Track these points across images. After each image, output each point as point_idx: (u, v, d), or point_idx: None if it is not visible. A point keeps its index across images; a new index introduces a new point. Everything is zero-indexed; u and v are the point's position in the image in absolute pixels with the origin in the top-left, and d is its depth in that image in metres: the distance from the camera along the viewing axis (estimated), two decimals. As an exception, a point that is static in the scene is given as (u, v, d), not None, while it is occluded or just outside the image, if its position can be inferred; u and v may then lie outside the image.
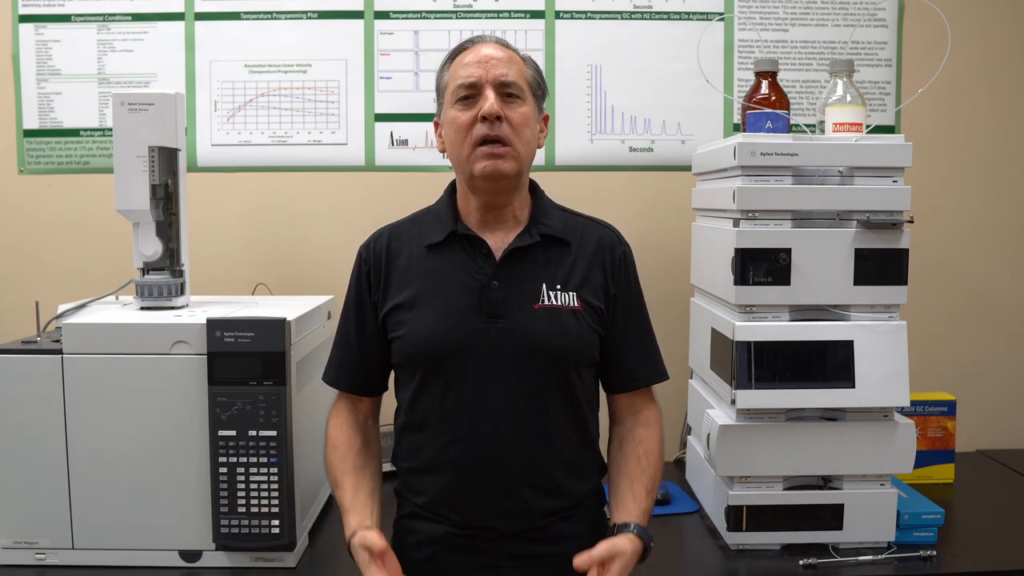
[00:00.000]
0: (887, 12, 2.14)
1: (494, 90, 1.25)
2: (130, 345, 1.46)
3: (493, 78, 1.25)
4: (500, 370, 1.24)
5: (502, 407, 1.24)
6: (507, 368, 1.24)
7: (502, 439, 1.23)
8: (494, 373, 1.24)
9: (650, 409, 1.38)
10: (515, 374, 1.24)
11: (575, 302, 1.28)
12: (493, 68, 1.25)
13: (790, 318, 1.54)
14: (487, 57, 1.26)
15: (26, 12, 2.08)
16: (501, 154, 1.24)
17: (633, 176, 2.14)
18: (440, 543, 1.28)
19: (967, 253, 2.20)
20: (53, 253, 2.10)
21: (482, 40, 1.30)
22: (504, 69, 1.25)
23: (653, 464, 1.33)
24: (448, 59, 1.32)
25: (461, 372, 1.25)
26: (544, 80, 1.34)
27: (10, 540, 1.49)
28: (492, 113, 1.23)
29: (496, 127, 1.23)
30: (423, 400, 1.28)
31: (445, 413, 1.26)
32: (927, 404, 1.91)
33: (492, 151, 1.24)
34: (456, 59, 1.30)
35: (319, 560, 1.56)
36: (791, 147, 1.52)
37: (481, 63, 1.26)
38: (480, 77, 1.25)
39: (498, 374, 1.24)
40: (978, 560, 1.53)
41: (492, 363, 1.24)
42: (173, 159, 1.64)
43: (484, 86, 1.25)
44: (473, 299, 1.26)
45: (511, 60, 1.28)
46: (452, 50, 1.32)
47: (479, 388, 1.25)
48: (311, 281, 2.10)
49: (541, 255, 1.30)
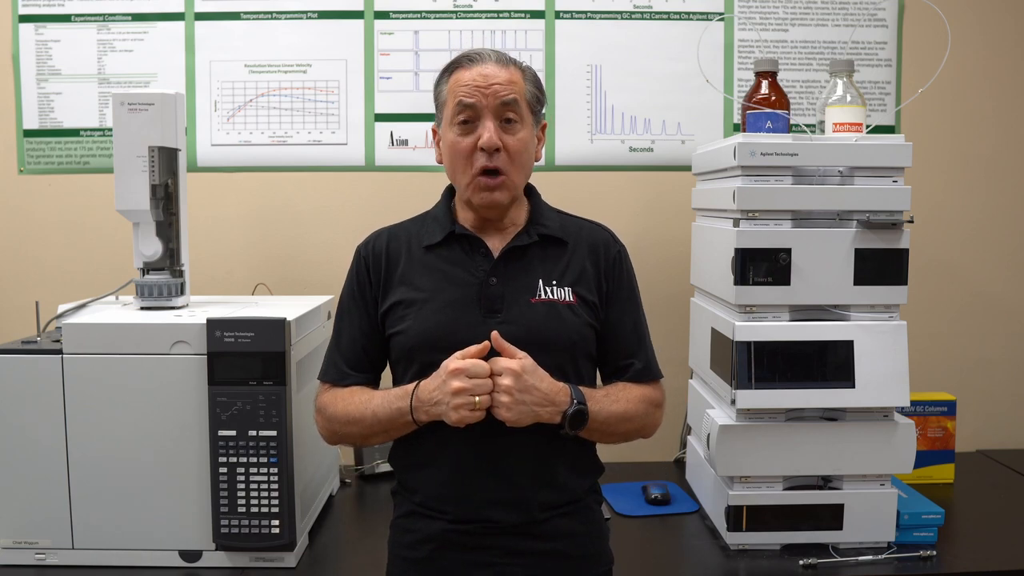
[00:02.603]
0: (887, 12, 2.14)
1: (494, 115, 1.26)
2: (130, 345, 1.46)
3: (492, 103, 1.26)
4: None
5: None
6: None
7: (501, 431, 1.24)
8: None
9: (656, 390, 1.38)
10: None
11: (570, 296, 1.30)
12: (493, 91, 1.26)
13: (790, 318, 1.55)
14: (487, 78, 1.26)
15: (26, 12, 2.08)
16: (497, 185, 1.27)
17: (633, 176, 2.14)
18: (437, 540, 1.28)
19: (967, 253, 2.20)
20: (53, 253, 2.10)
21: (481, 57, 1.29)
22: (504, 91, 1.26)
23: (629, 396, 1.31)
24: (447, 72, 1.32)
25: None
26: (543, 91, 1.35)
27: (10, 540, 1.49)
28: (491, 146, 1.25)
29: (495, 158, 1.26)
30: None
31: None
32: (927, 404, 1.91)
33: (488, 183, 1.26)
34: (455, 74, 1.29)
35: (319, 560, 1.56)
36: (791, 147, 1.52)
37: (481, 85, 1.26)
38: (479, 101, 1.26)
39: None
40: (978, 560, 1.53)
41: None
42: (173, 159, 1.64)
43: (483, 111, 1.26)
44: (472, 295, 1.27)
45: (511, 79, 1.28)
46: (451, 63, 1.32)
47: None
48: (311, 281, 2.10)
49: (538, 254, 1.32)
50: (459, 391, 1.17)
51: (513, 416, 1.18)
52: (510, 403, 1.18)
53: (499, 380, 1.18)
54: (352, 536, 1.70)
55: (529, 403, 1.19)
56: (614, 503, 1.80)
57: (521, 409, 1.18)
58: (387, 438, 1.31)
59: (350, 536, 1.69)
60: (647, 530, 1.70)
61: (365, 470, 1.99)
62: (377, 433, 1.29)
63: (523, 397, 1.18)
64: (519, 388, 1.18)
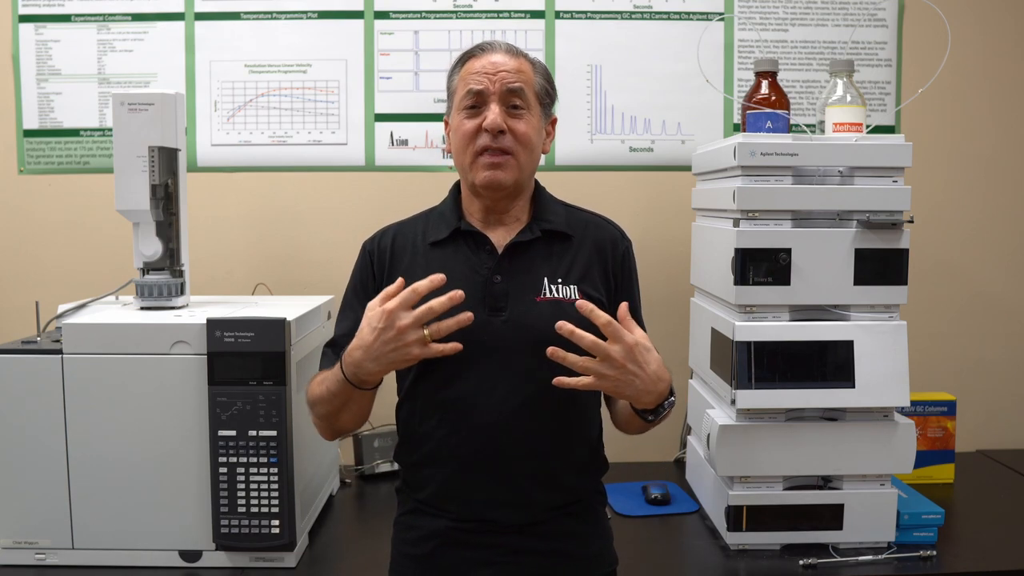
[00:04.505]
0: (887, 12, 2.14)
1: (500, 101, 1.27)
2: (130, 345, 1.46)
3: (499, 88, 1.27)
4: (503, 362, 1.25)
5: (505, 398, 1.25)
6: (509, 360, 1.25)
7: (504, 430, 1.24)
8: (497, 365, 1.25)
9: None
10: (517, 366, 1.25)
11: (576, 294, 1.30)
12: (500, 78, 1.28)
13: (790, 318, 1.55)
14: (495, 65, 1.29)
15: (26, 12, 2.08)
16: (500, 164, 1.27)
17: (633, 176, 2.14)
18: (440, 538, 1.28)
19: (967, 253, 2.20)
20: (53, 253, 2.10)
21: (492, 47, 1.32)
22: (511, 79, 1.28)
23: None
24: (459, 63, 1.34)
25: (464, 364, 1.25)
26: (553, 86, 1.37)
27: (10, 540, 1.49)
28: (495, 127, 1.26)
29: (499, 139, 1.27)
30: (426, 393, 1.29)
31: (448, 405, 1.27)
32: (927, 404, 1.91)
33: (492, 161, 1.27)
34: (466, 64, 1.32)
35: (319, 560, 1.56)
36: (791, 147, 1.52)
37: (489, 72, 1.28)
38: (486, 86, 1.28)
39: (501, 366, 1.25)
40: (978, 560, 1.54)
41: (495, 355, 1.25)
42: (173, 159, 1.64)
43: (490, 96, 1.27)
44: (476, 293, 1.27)
45: (519, 68, 1.30)
46: (463, 54, 1.34)
47: (482, 380, 1.25)
48: (311, 281, 2.10)
49: (542, 250, 1.32)
50: (404, 329, 1.14)
51: (608, 385, 1.15)
52: (617, 376, 1.14)
53: (612, 348, 1.13)
54: (352, 536, 1.70)
55: (634, 381, 1.15)
56: (614, 503, 1.79)
57: (627, 380, 1.15)
58: (354, 414, 1.28)
59: (350, 536, 1.70)
60: (647, 530, 1.70)
61: (365, 470, 1.99)
62: (338, 409, 1.26)
63: (634, 369, 1.14)
64: (632, 361, 1.14)
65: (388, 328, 1.15)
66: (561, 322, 1.13)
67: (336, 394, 1.24)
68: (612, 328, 1.14)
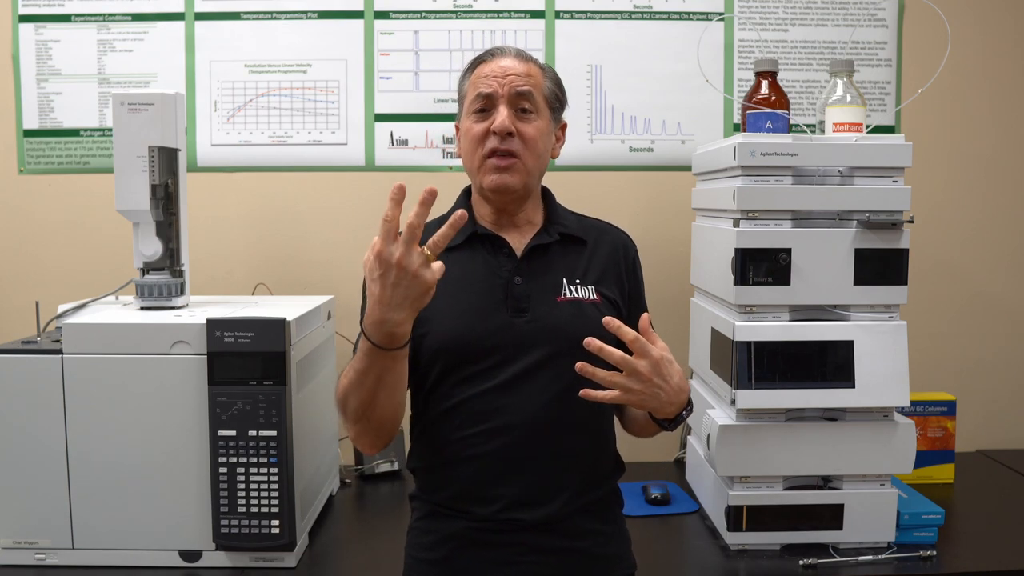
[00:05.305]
0: (887, 12, 2.14)
1: (509, 104, 1.29)
2: (130, 345, 1.46)
3: (508, 91, 1.29)
4: (526, 362, 1.26)
5: (528, 398, 1.25)
6: (533, 360, 1.26)
7: (531, 429, 1.24)
8: (521, 366, 1.26)
9: None
10: (541, 366, 1.26)
11: (594, 295, 1.32)
12: (509, 81, 1.29)
13: (790, 318, 1.55)
14: (505, 69, 1.30)
15: (26, 12, 2.08)
16: (508, 167, 1.28)
17: (633, 176, 2.14)
18: (457, 540, 1.28)
19: (967, 253, 2.20)
20: (53, 253, 2.10)
21: (502, 52, 1.33)
22: (520, 82, 1.30)
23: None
24: (469, 68, 1.36)
25: (487, 365, 1.26)
26: (563, 92, 1.38)
27: (10, 540, 1.49)
28: (503, 129, 1.27)
29: (507, 142, 1.28)
30: (448, 395, 1.28)
31: (471, 406, 1.26)
32: (927, 404, 1.91)
33: (499, 163, 1.28)
34: (476, 69, 1.33)
35: (319, 560, 1.56)
36: (791, 147, 1.52)
37: (498, 75, 1.30)
38: (496, 90, 1.29)
39: (524, 366, 1.26)
40: (978, 560, 1.54)
41: (519, 356, 1.26)
42: (173, 159, 1.64)
43: (499, 99, 1.29)
44: (498, 295, 1.28)
45: (529, 72, 1.32)
46: (474, 59, 1.36)
47: (505, 380, 1.26)
48: (311, 281, 2.10)
49: (559, 252, 1.34)
50: (402, 260, 1.05)
51: (635, 399, 1.15)
52: (643, 390, 1.14)
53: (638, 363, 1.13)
54: (352, 536, 1.70)
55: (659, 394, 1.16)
56: (614, 503, 1.80)
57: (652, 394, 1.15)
58: (389, 395, 1.18)
59: (350, 536, 1.69)
60: (647, 530, 1.69)
61: (365, 470, 1.99)
62: (371, 390, 1.16)
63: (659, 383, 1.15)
64: (658, 375, 1.14)
65: (388, 268, 1.06)
66: (589, 338, 1.13)
67: (366, 370, 1.15)
68: (639, 344, 1.14)
